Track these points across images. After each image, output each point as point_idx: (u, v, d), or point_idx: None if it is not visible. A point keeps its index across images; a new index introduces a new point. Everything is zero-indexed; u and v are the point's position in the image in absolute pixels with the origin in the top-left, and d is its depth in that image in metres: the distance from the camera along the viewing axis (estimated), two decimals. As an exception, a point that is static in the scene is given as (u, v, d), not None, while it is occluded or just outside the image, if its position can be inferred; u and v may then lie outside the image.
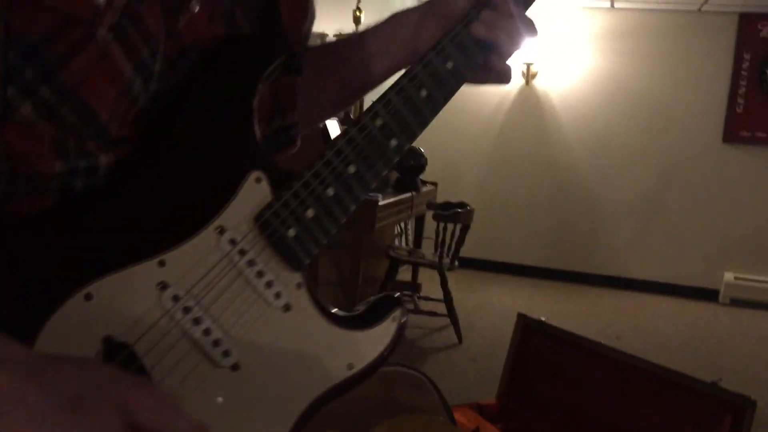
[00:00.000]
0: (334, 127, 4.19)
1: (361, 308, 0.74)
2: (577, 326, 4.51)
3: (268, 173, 0.68)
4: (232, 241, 0.66)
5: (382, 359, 0.73)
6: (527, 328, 2.69)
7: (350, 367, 0.71)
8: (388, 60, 0.84)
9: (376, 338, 0.73)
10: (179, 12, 0.65)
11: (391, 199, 4.37)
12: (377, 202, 4.04)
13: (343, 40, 0.92)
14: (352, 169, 0.70)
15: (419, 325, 4.74)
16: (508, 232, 6.63)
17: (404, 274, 5.14)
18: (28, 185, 0.60)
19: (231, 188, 0.67)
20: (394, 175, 5.01)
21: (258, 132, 0.69)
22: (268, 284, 0.68)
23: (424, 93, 0.74)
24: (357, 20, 4.84)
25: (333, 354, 0.71)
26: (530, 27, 0.80)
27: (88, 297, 0.60)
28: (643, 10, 6.20)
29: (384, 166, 0.73)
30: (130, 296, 0.62)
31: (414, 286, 5.31)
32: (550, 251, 6.60)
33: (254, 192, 0.67)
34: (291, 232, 0.68)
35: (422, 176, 5.19)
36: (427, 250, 5.05)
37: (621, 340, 4.73)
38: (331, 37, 4.79)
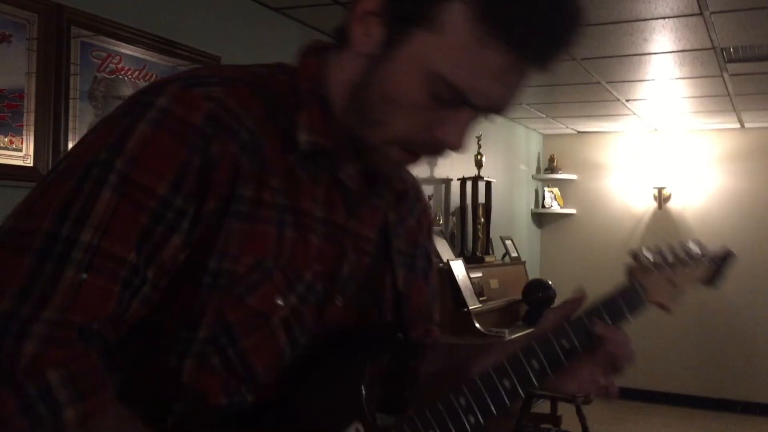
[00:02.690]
0: (459, 268, 4.42)
1: None
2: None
3: (366, 426, 0.85)
4: None
5: None
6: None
7: None
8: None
9: None
10: (327, 305, 0.89)
11: (520, 334, 4.48)
12: (503, 337, 4.17)
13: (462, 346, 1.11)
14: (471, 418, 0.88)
15: (559, 459, 4.66)
16: (653, 360, 6.40)
17: (544, 406, 5.10)
18: (199, 417, 0.82)
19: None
20: (524, 308, 5.11)
21: (365, 394, 0.87)
22: None
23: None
24: (479, 164, 5.14)
25: None
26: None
27: None
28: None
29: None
30: None
31: (554, 418, 5.24)
32: (701, 378, 6.30)
33: None
34: None
35: (552, 307, 5.23)
36: (564, 381, 5.01)
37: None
38: (455, 181, 5.13)
